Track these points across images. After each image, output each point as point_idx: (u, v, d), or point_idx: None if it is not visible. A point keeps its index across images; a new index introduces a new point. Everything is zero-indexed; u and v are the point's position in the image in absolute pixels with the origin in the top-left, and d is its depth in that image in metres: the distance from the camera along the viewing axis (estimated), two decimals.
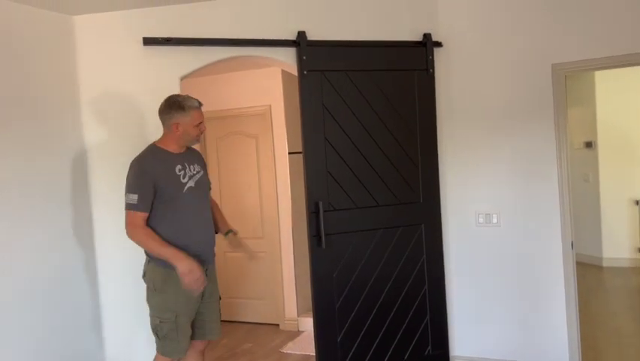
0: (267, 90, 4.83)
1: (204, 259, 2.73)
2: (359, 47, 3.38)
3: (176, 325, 2.65)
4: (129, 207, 2.57)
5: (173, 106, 2.66)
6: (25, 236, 2.71)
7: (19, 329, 2.66)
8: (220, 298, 2.94)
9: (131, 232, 2.58)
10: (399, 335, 3.49)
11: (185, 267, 2.53)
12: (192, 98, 2.72)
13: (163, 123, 2.71)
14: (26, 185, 2.72)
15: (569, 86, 3.96)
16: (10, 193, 2.65)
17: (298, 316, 4.86)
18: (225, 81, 4.98)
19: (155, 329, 2.70)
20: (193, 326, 2.80)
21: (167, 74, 3.08)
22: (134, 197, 2.55)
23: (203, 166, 2.90)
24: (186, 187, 2.69)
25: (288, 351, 4.33)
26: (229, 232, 3.02)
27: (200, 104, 2.73)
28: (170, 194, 2.65)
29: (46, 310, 2.80)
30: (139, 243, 2.61)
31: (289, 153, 4.79)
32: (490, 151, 3.57)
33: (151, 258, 2.72)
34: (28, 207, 2.73)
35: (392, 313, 3.47)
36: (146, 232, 2.58)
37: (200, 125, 2.73)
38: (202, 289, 2.61)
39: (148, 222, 2.62)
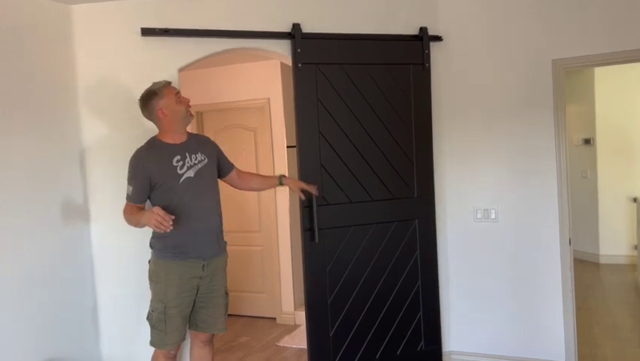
0: (265, 83, 4.83)
1: (203, 251, 2.72)
2: (355, 40, 3.36)
3: (164, 316, 2.66)
4: (126, 197, 2.67)
5: (148, 97, 2.69)
6: (21, 229, 2.70)
7: (16, 323, 2.66)
8: (227, 293, 2.91)
9: (123, 217, 2.68)
10: (391, 331, 3.49)
11: (149, 216, 2.44)
12: (157, 81, 2.74)
13: (152, 120, 2.74)
14: (23, 175, 2.72)
15: (568, 83, 3.95)
16: (6, 184, 2.64)
17: (295, 310, 4.87)
18: (224, 74, 4.98)
19: (148, 318, 2.73)
20: (195, 318, 2.81)
21: (166, 65, 3.05)
22: (130, 189, 2.65)
23: (212, 153, 2.86)
24: (183, 178, 2.68)
25: (285, 345, 4.34)
26: (281, 178, 3.08)
27: (167, 82, 2.74)
28: (167, 185, 2.66)
29: (43, 305, 2.79)
30: (128, 223, 2.66)
31: (287, 147, 4.78)
32: (488, 146, 3.57)
33: (151, 248, 2.74)
34: (24, 199, 2.72)
35: (385, 309, 3.47)
36: (125, 212, 2.66)
37: (178, 96, 2.72)
38: (170, 225, 2.41)
39: None
